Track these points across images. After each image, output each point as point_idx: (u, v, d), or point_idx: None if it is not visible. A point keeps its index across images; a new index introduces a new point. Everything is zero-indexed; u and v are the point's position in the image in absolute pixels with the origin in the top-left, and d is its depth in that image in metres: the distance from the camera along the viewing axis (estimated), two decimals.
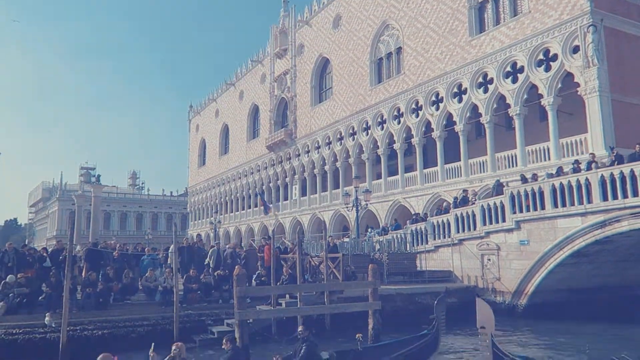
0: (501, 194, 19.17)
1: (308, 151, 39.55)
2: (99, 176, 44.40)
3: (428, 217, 22.95)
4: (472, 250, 19.35)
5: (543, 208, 16.97)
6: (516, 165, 22.63)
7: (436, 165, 27.36)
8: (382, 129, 31.30)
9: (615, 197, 14.87)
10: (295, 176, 41.24)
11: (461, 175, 25.54)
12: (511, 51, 23.01)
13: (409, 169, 29.97)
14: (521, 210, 17.74)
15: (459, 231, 20.13)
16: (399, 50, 30.68)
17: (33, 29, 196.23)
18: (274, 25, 45.21)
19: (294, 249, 16.43)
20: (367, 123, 32.68)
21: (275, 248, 15.53)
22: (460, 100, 25.80)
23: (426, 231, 21.65)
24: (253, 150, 48.53)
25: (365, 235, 25.45)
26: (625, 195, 14.59)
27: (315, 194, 38.45)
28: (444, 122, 26.88)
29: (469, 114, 25.52)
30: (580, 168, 16.84)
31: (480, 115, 24.67)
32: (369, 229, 27.03)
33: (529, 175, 19.76)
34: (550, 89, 21.24)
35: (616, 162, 15.60)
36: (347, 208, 27.20)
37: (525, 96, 22.58)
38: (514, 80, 22.95)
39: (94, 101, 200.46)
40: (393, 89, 30.57)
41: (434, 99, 27.55)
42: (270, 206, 43.68)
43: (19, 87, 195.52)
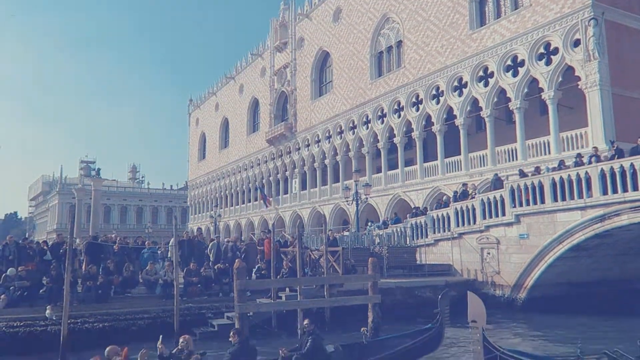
0: (500, 188, 19.18)
1: (308, 145, 39.52)
2: (99, 170, 44.36)
3: (428, 211, 22.96)
4: (472, 244, 19.39)
5: (543, 202, 16.98)
6: (516, 159, 22.62)
7: (436, 159, 27.36)
8: (383, 122, 31.27)
9: (615, 191, 14.87)
10: (295, 170, 41.23)
11: (461, 169, 25.54)
12: (512, 45, 22.94)
13: (409, 162, 29.96)
14: (521, 204, 17.75)
15: (458, 225, 20.15)
16: (400, 43, 30.59)
17: (33, 21, 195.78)
18: (274, 18, 45.04)
19: (294, 243, 16.46)
20: (368, 117, 32.63)
21: (275, 242, 15.56)
22: (460, 94, 25.76)
23: (426, 225, 21.67)
24: (253, 144, 48.50)
25: (365, 229, 25.50)
26: (625, 189, 14.60)
27: (316, 187, 38.46)
28: (444, 116, 26.85)
29: (469, 108, 25.48)
30: (583, 162, 16.74)
31: (480, 109, 24.64)
32: (369, 223, 27.09)
33: (530, 169, 19.77)
34: (551, 82, 21.19)
35: (616, 156, 15.58)
36: (347, 202, 27.22)
37: (525, 90, 22.55)
38: (515, 74, 22.90)
39: (93, 94, 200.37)
40: (393, 82, 30.50)
41: (434, 92, 27.50)
42: (270, 199, 43.70)
43: (18, 80, 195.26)
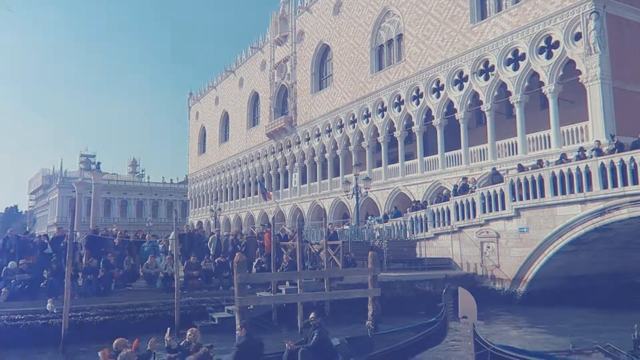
0: (498, 183, 19.21)
1: (308, 139, 39.49)
2: (99, 163, 44.27)
3: (428, 205, 22.98)
4: (472, 238, 19.42)
5: (543, 196, 16.99)
6: (516, 153, 22.61)
7: (436, 153, 27.34)
8: (383, 116, 31.22)
9: (615, 185, 14.88)
10: (296, 164, 41.22)
11: (461, 163, 25.54)
12: (513, 38, 22.86)
13: (409, 156, 29.95)
14: (521, 198, 17.76)
15: (458, 219, 20.17)
16: (400, 37, 30.49)
17: (33, 14, 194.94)
18: (274, 11, 44.85)
19: (294, 237, 16.49)
20: (368, 110, 32.58)
21: (275, 235, 15.59)
22: (461, 88, 25.70)
23: (426, 219, 21.70)
24: (253, 137, 48.46)
25: (365, 222, 25.53)
26: (625, 183, 14.61)
27: (316, 181, 38.47)
28: (445, 110, 26.80)
29: (469, 102, 25.43)
30: (586, 155, 16.68)
31: (481, 102, 24.60)
32: (369, 217, 27.11)
33: (530, 163, 19.78)
34: (552, 76, 21.14)
35: (617, 150, 15.58)
36: (347, 196, 27.24)
37: (526, 84, 22.50)
38: (515, 68, 22.84)
39: (93, 88, 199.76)
40: (394, 76, 30.43)
41: (434, 86, 27.44)
42: (270, 193, 43.71)
43: (18, 73, 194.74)
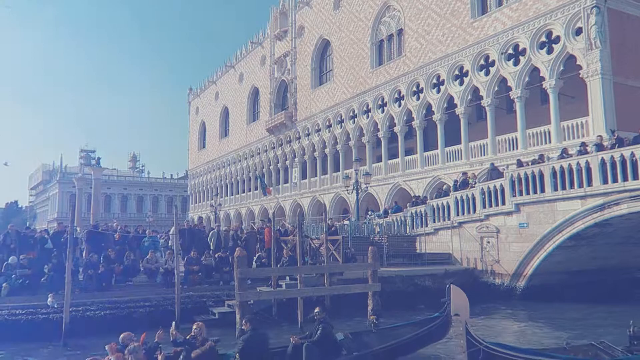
0: (496, 178, 19.21)
1: (308, 134, 39.45)
2: (99, 159, 44.32)
3: (428, 200, 22.99)
4: (472, 233, 19.44)
5: (543, 191, 16.99)
6: (517, 149, 22.59)
7: (436, 148, 27.33)
8: (383, 111, 31.18)
9: (615, 180, 14.87)
10: (296, 159, 41.20)
11: (461, 158, 25.53)
12: (513, 33, 22.79)
13: (410, 152, 29.94)
14: (521, 194, 17.77)
15: (458, 214, 20.19)
16: (400, 31, 30.40)
17: (32, 10, 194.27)
18: (274, 6, 44.72)
19: (294, 232, 16.51)
20: (368, 106, 32.54)
21: (275, 230, 15.61)
22: (461, 83, 25.66)
23: (426, 214, 21.71)
24: (253, 133, 48.42)
25: (365, 218, 25.55)
26: (625, 178, 14.58)
27: (316, 177, 38.47)
28: (445, 105, 26.76)
29: (470, 97, 25.39)
30: (588, 150, 16.64)
31: (481, 98, 24.56)
32: (369, 212, 27.13)
33: (530, 158, 19.76)
34: (552, 71, 21.09)
35: (617, 145, 15.56)
36: (347, 191, 27.24)
37: (526, 79, 22.44)
38: (516, 63, 22.78)
39: (93, 83, 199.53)
40: (394, 71, 30.37)
41: (435, 81, 27.39)
42: (270, 189, 43.71)
43: (17, 69, 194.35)
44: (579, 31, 20.18)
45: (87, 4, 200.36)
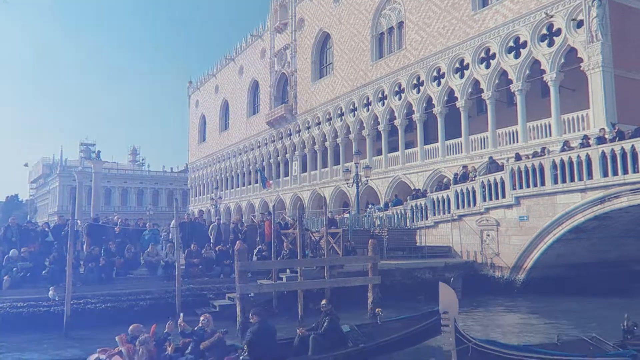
0: (494, 171, 19.21)
1: (308, 127, 39.40)
2: (99, 152, 44.34)
3: (428, 193, 23.00)
4: (472, 226, 19.47)
5: (543, 184, 16.99)
6: (517, 142, 22.57)
7: (437, 142, 27.30)
8: (383, 104, 31.13)
9: (615, 173, 14.86)
10: (296, 152, 41.18)
11: (462, 152, 25.51)
12: (514, 26, 22.70)
13: (410, 145, 29.91)
14: (521, 187, 17.78)
15: (458, 207, 20.20)
16: (401, 24, 30.28)
17: (31, 2, 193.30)
18: None
19: (294, 225, 16.53)
20: (368, 99, 32.48)
21: (275, 224, 15.63)
22: (462, 76, 25.59)
23: (426, 207, 21.73)
24: (253, 126, 48.36)
25: (365, 211, 25.57)
26: (625, 172, 14.58)
27: (316, 170, 38.47)
28: (445, 98, 26.70)
29: (470, 90, 25.34)
30: (590, 143, 16.57)
31: (481, 91, 24.51)
32: (369, 205, 27.15)
33: (531, 151, 19.73)
34: (553, 64, 21.02)
35: (617, 138, 15.54)
36: (348, 184, 27.26)
37: (527, 72, 22.38)
38: (517, 56, 22.71)
39: (92, 76, 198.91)
40: (394, 64, 30.28)
41: (435, 74, 27.32)
42: (270, 182, 43.73)
43: (17, 62, 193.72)
44: (580, 24, 20.08)
45: None
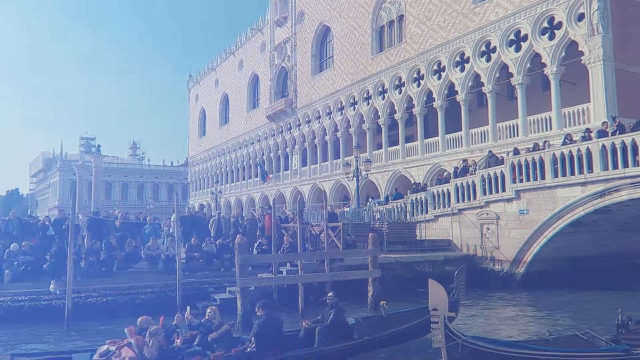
0: (494, 165, 19.19)
1: (308, 121, 39.35)
2: (99, 146, 44.39)
3: (428, 187, 23.00)
4: (472, 220, 19.48)
5: (543, 178, 16.99)
6: (517, 135, 22.54)
7: (437, 135, 27.26)
8: (383, 98, 31.06)
9: (615, 167, 14.86)
10: (296, 146, 41.15)
11: (462, 145, 25.48)
12: (515, 19, 22.61)
13: (410, 139, 29.87)
14: (521, 180, 17.78)
15: (458, 201, 20.20)
16: (401, 18, 30.16)
17: None
18: None
19: (294, 219, 16.56)
20: (368, 92, 32.40)
21: (275, 217, 15.65)
22: (462, 70, 25.52)
23: (426, 201, 21.74)
24: (253, 120, 48.29)
25: (365, 204, 25.58)
26: (625, 165, 14.57)
27: (316, 164, 38.45)
28: (446, 92, 26.64)
29: (470, 83, 25.26)
30: (592, 137, 16.49)
31: (482, 84, 24.44)
32: (370, 199, 27.16)
33: (531, 145, 19.69)
34: (554, 57, 20.96)
35: (618, 132, 15.52)
36: (348, 178, 27.26)
37: (528, 65, 22.31)
38: (517, 49, 22.63)
39: (92, 70, 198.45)
40: (394, 57, 30.19)
41: (435, 68, 27.24)
42: (270, 176, 43.74)
43: (16, 57, 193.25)
44: (581, 17, 20.01)
45: None
